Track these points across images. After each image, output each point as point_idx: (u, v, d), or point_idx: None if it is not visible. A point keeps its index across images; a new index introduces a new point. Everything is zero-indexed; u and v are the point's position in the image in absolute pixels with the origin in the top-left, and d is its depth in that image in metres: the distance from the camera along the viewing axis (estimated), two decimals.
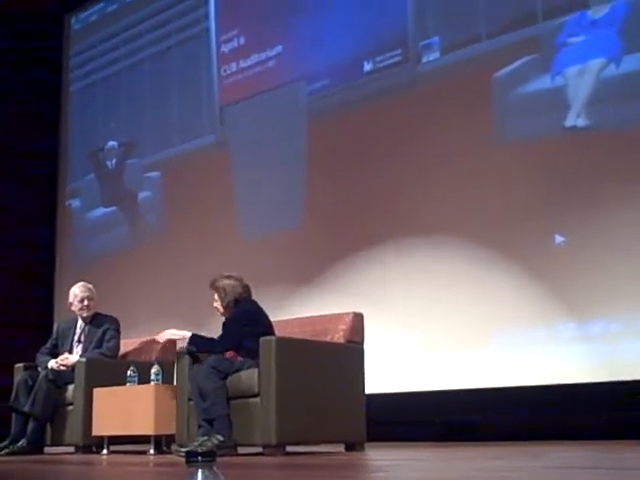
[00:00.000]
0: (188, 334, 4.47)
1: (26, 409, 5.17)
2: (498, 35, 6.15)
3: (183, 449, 4.01)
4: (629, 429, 5.07)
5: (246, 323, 4.43)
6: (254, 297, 4.63)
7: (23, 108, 9.31)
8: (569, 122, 5.77)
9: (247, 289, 4.60)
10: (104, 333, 5.47)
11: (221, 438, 4.06)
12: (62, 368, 5.33)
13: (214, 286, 4.59)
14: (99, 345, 5.44)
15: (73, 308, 5.58)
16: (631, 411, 5.14)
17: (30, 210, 9.16)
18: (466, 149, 6.21)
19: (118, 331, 5.51)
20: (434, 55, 6.52)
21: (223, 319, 4.58)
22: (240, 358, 4.33)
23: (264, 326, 4.46)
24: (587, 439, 5.07)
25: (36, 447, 5.18)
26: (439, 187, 6.32)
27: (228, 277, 4.60)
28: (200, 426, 4.21)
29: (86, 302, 5.53)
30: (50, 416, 5.24)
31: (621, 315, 5.33)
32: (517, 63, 6.05)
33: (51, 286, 9.15)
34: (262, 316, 4.53)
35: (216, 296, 4.58)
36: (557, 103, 5.82)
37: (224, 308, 4.55)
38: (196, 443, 4.02)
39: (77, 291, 5.58)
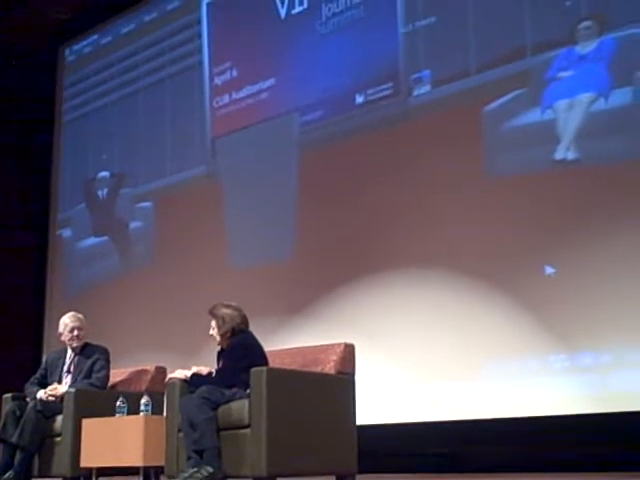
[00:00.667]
0: (189, 373, 4.47)
1: (14, 440, 5.11)
2: (488, 69, 6.22)
3: None
4: (621, 461, 5.05)
5: (243, 355, 4.41)
6: None
7: (15, 138, 9.34)
8: (559, 155, 5.82)
9: (245, 320, 4.59)
10: (94, 363, 5.44)
11: (211, 470, 4.02)
12: (51, 399, 5.28)
13: (213, 313, 4.57)
14: (88, 375, 5.40)
15: (63, 338, 5.56)
16: (622, 443, 5.13)
17: (21, 239, 9.15)
18: (456, 181, 6.25)
19: (108, 361, 5.49)
20: (425, 88, 6.59)
21: (218, 348, 4.57)
22: (234, 389, 4.32)
23: (258, 357, 4.44)
24: (578, 471, 5.05)
25: (23, 478, 5.12)
26: (430, 219, 6.36)
27: (227, 306, 4.59)
28: (190, 457, 4.17)
29: (76, 332, 5.51)
30: (38, 447, 5.17)
31: (611, 347, 5.34)
32: (507, 97, 6.12)
33: (41, 315, 9.10)
34: (257, 348, 4.52)
35: (213, 323, 4.56)
36: (547, 136, 5.87)
37: (221, 336, 4.54)
38: (186, 475, 3.98)
39: (67, 321, 5.56)
